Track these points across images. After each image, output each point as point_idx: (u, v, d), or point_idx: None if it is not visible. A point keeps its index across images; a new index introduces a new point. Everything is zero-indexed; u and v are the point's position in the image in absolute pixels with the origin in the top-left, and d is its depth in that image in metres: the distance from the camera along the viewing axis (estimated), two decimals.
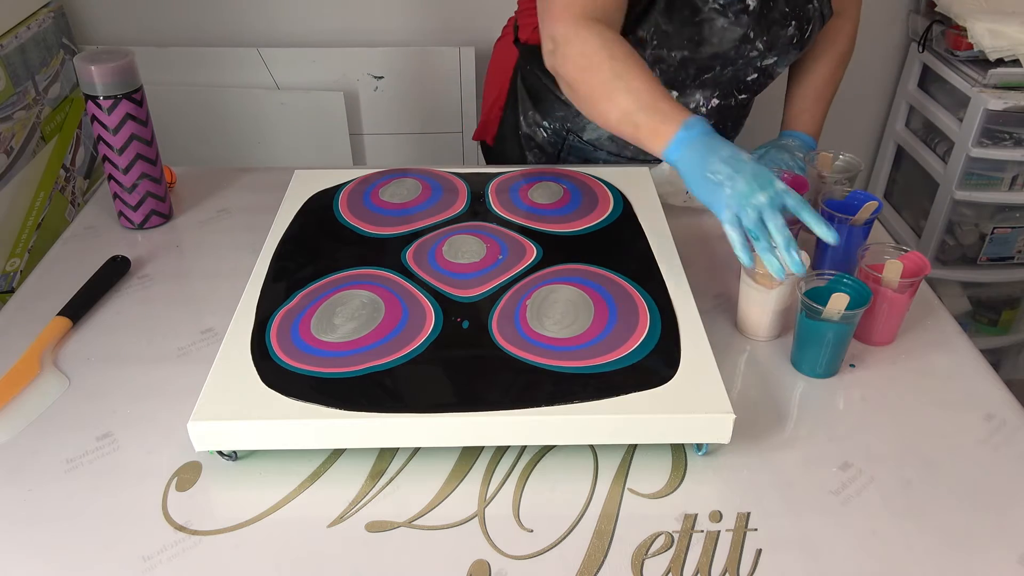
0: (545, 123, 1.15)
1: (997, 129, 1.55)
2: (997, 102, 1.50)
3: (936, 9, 1.65)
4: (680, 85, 1.05)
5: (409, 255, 0.86)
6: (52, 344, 0.82)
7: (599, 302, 0.79)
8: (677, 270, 0.84)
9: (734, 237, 0.75)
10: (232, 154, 1.78)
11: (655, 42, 0.99)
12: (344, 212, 0.94)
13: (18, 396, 0.76)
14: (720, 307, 0.89)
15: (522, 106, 1.17)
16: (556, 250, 0.87)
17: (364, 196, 0.98)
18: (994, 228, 1.65)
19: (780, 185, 0.74)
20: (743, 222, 0.74)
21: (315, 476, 0.69)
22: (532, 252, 0.87)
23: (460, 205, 0.96)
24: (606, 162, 1.17)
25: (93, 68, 0.92)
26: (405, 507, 0.66)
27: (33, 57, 1.50)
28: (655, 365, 0.71)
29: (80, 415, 0.75)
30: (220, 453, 0.69)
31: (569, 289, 0.80)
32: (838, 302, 0.75)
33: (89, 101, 0.94)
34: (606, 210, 0.95)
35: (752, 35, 1.00)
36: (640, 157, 1.15)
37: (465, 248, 0.87)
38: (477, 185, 1.01)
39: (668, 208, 0.97)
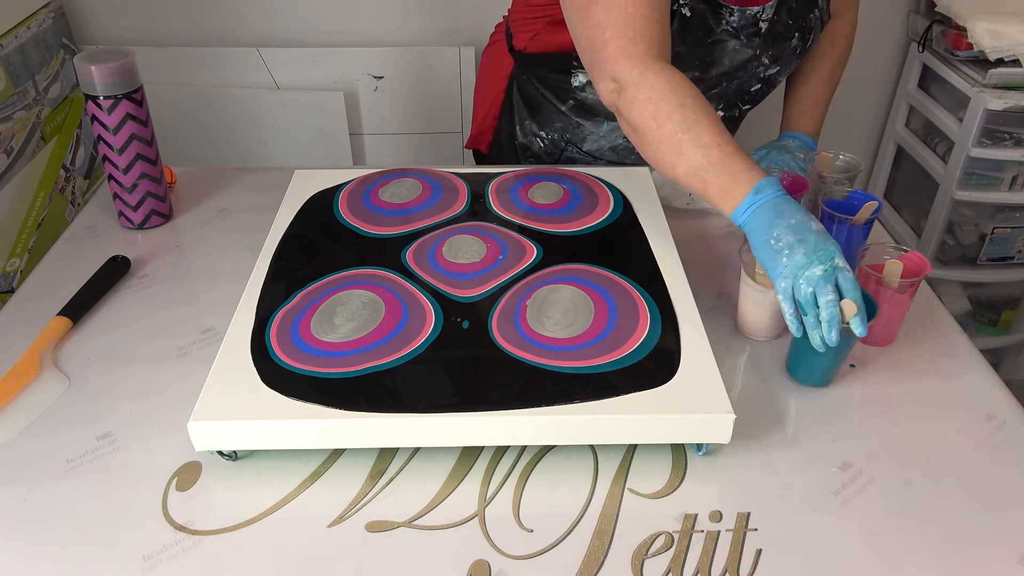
0: (542, 133, 1.15)
1: (997, 129, 1.55)
2: (997, 102, 1.50)
3: (936, 9, 1.65)
4: None
5: (409, 255, 0.86)
6: (52, 344, 0.82)
7: (599, 302, 0.79)
8: (677, 270, 0.84)
9: (785, 308, 0.74)
10: (232, 154, 1.78)
11: None
12: (344, 212, 0.94)
13: (18, 396, 0.76)
14: (720, 307, 0.89)
15: (518, 115, 1.16)
16: (556, 250, 0.87)
17: (364, 196, 0.98)
18: (994, 228, 1.65)
19: (840, 261, 0.73)
20: (796, 295, 0.73)
21: (315, 476, 0.69)
22: (532, 252, 0.87)
23: (460, 205, 0.96)
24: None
25: (93, 68, 0.92)
26: (405, 507, 0.66)
27: (33, 57, 1.50)
28: (655, 365, 0.71)
29: (80, 415, 0.75)
30: (220, 453, 0.69)
31: (569, 289, 0.80)
32: (846, 310, 0.71)
33: (89, 101, 0.94)
34: (606, 210, 0.95)
35: (759, 52, 1.00)
36: (641, 164, 1.14)
37: (465, 248, 0.87)
38: (477, 185, 1.01)
39: (669, 209, 0.97)
